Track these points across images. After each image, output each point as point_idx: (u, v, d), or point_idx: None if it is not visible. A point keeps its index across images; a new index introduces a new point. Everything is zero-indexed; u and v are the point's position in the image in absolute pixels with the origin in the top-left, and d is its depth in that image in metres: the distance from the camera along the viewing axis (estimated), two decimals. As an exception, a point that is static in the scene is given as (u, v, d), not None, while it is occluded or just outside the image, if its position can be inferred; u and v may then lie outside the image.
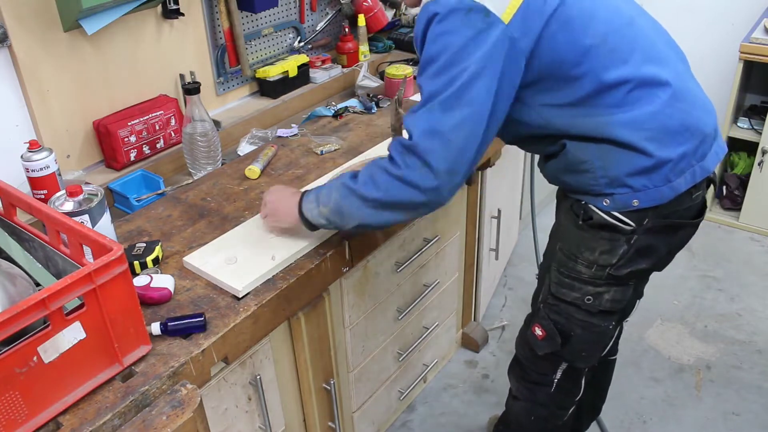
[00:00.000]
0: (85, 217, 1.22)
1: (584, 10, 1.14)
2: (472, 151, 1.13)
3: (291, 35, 2.14)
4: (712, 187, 1.36)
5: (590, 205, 1.26)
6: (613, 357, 1.77)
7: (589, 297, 1.32)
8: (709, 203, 2.93)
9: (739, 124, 2.86)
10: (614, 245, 1.26)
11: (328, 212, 1.23)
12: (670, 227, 1.27)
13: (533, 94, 1.19)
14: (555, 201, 1.48)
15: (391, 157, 1.16)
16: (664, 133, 1.18)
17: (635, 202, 1.22)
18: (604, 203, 1.24)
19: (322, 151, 1.72)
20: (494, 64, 1.10)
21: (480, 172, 1.96)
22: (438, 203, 1.17)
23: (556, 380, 1.49)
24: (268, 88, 2.02)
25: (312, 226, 1.28)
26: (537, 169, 2.40)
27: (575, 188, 1.28)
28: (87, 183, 1.38)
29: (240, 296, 1.22)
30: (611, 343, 1.45)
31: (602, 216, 1.25)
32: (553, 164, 1.29)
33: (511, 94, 1.15)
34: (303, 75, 2.08)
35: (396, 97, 1.54)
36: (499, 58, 1.10)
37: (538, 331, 1.42)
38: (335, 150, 1.73)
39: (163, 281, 1.22)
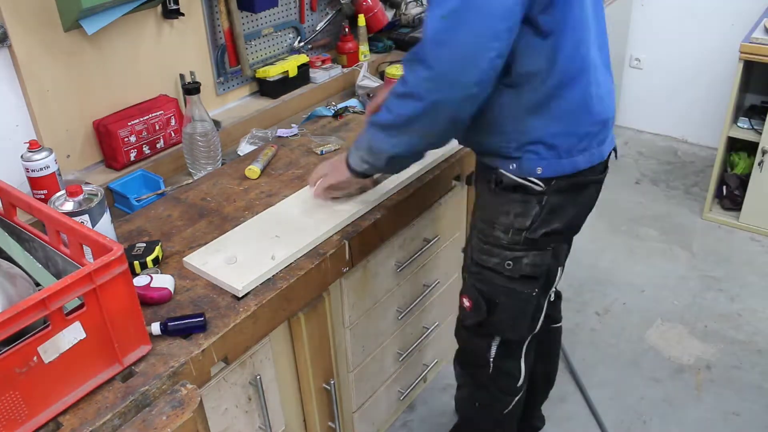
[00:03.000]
0: (85, 217, 1.22)
1: None
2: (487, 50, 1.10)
3: (291, 35, 2.14)
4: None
5: (500, 169, 1.30)
6: (557, 325, 1.79)
7: (509, 262, 1.35)
8: (709, 203, 2.95)
9: (739, 124, 2.86)
10: (527, 207, 1.30)
11: (364, 154, 1.29)
12: (576, 185, 1.31)
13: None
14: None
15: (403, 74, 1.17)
16: (573, 111, 1.23)
17: (539, 170, 1.26)
18: (512, 167, 1.28)
19: (322, 151, 1.72)
20: None
21: (480, 172, 1.96)
22: (449, 110, 1.15)
23: (491, 359, 1.50)
24: (268, 88, 2.02)
25: (361, 174, 1.36)
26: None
27: (486, 150, 1.32)
28: (87, 183, 1.38)
29: (240, 296, 1.22)
30: (541, 314, 1.46)
31: (512, 177, 1.29)
32: (471, 123, 1.27)
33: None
34: (303, 75, 2.08)
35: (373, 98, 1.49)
36: None
37: (466, 302, 1.45)
38: (335, 150, 1.73)
39: (163, 281, 1.22)
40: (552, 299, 1.49)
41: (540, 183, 1.28)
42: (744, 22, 3.07)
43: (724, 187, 2.97)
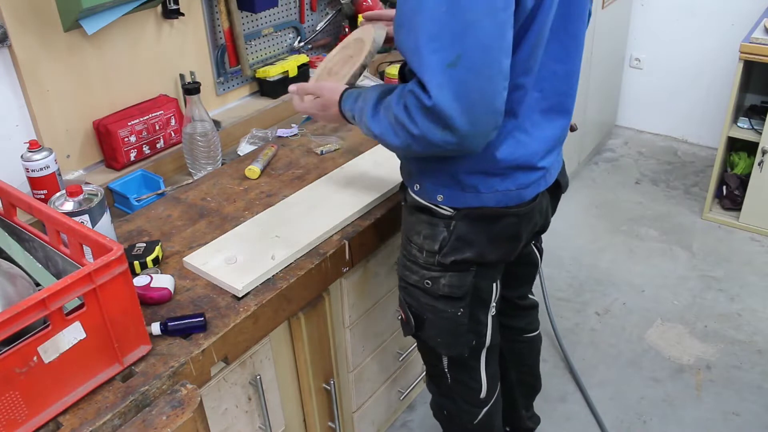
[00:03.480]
0: (85, 217, 1.22)
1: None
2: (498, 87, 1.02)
3: (291, 35, 2.14)
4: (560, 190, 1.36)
5: (407, 187, 1.26)
6: (531, 335, 1.73)
7: (428, 281, 1.29)
8: (709, 203, 2.95)
9: (739, 124, 2.86)
10: (435, 230, 1.24)
11: (369, 135, 1.19)
12: (487, 217, 1.22)
13: None
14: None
15: (406, 107, 1.05)
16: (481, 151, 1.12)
17: (440, 198, 1.20)
18: (415, 188, 1.24)
19: (322, 151, 1.72)
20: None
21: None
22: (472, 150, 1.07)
23: (447, 371, 1.46)
24: (268, 88, 2.02)
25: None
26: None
27: (402, 165, 1.29)
28: (87, 183, 1.38)
29: (240, 296, 1.22)
30: (486, 330, 1.38)
31: (414, 198, 1.25)
32: None
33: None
34: (303, 75, 2.08)
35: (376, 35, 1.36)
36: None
37: (401, 314, 1.42)
38: (335, 150, 1.73)
39: (163, 281, 1.22)
40: (493, 313, 1.39)
41: (447, 208, 1.21)
42: (744, 22, 3.07)
43: (724, 187, 2.97)
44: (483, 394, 1.49)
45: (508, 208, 1.21)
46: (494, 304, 1.37)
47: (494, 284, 1.34)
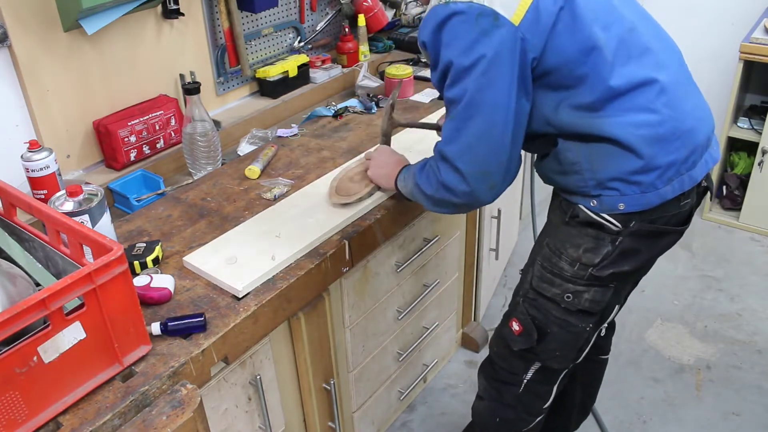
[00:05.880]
0: (85, 217, 1.22)
1: (589, 10, 1.15)
2: (502, 152, 1.18)
3: (291, 35, 2.14)
4: (708, 194, 1.36)
5: (579, 205, 1.27)
6: (605, 356, 1.75)
7: (569, 295, 1.32)
8: (709, 203, 2.95)
9: (739, 124, 2.86)
10: (599, 244, 1.27)
11: (408, 194, 1.40)
12: (655, 233, 1.27)
13: (536, 91, 1.20)
14: (555, 201, 1.47)
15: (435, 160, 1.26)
16: (653, 140, 1.18)
17: (621, 206, 1.23)
18: (592, 204, 1.25)
19: (275, 195, 1.54)
20: (507, 65, 1.11)
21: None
22: (479, 203, 1.26)
23: (525, 381, 1.47)
24: (268, 88, 2.02)
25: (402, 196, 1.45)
26: (537, 169, 2.40)
27: (566, 188, 1.30)
28: (87, 183, 1.38)
29: (240, 296, 1.22)
30: (588, 347, 1.43)
31: (588, 214, 1.26)
32: (546, 164, 1.31)
33: (529, 90, 1.17)
34: (303, 75, 2.08)
35: (390, 101, 1.57)
36: (511, 58, 1.11)
37: (515, 326, 1.41)
38: (286, 192, 1.56)
39: (163, 281, 1.22)
40: (603, 334, 1.47)
41: (617, 223, 1.24)
42: (744, 22, 3.07)
43: (724, 187, 2.97)
44: (547, 404, 1.52)
45: (673, 224, 1.28)
46: (606, 325, 1.43)
47: (618, 306, 1.40)
